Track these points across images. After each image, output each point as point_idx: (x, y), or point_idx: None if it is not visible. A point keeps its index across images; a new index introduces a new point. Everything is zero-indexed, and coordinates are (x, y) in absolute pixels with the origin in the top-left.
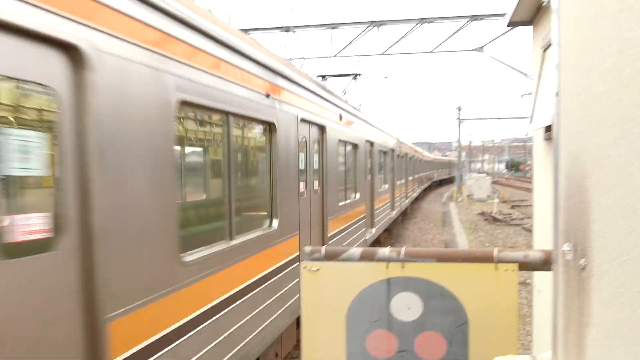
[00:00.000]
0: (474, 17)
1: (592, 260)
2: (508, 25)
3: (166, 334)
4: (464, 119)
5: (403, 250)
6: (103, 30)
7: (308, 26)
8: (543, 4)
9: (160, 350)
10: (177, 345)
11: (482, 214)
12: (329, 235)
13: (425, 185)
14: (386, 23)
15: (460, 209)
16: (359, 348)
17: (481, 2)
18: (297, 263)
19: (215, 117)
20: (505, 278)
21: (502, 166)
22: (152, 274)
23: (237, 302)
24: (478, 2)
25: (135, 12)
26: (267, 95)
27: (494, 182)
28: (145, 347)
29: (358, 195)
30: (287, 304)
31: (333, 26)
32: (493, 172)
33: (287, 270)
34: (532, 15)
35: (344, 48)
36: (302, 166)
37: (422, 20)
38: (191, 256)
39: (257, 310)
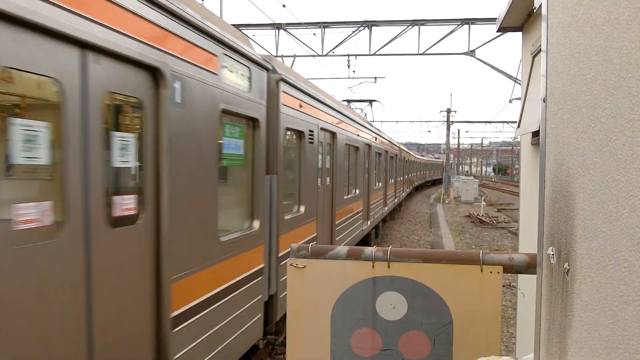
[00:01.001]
0: (465, 21)
1: (575, 265)
2: (498, 31)
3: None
4: (453, 122)
5: (389, 250)
6: (322, 119)
7: (299, 24)
8: (534, 11)
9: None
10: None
11: (469, 216)
12: (370, 203)
13: (422, 181)
14: (378, 24)
15: (447, 211)
16: (344, 346)
17: (473, 6)
18: (361, 212)
19: (345, 146)
20: (489, 280)
21: (490, 169)
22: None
23: (351, 220)
24: (470, 6)
25: (331, 112)
26: (358, 135)
27: (481, 185)
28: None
29: (381, 184)
30: (354, 227)
31: (325, 25)
32: (480, 175)
33: (360, 214)
34: (522, 21)
35: (335, 47)
36: (365, 166)
37: (414, 23)
38: (344, 200)
39: (356, 224)
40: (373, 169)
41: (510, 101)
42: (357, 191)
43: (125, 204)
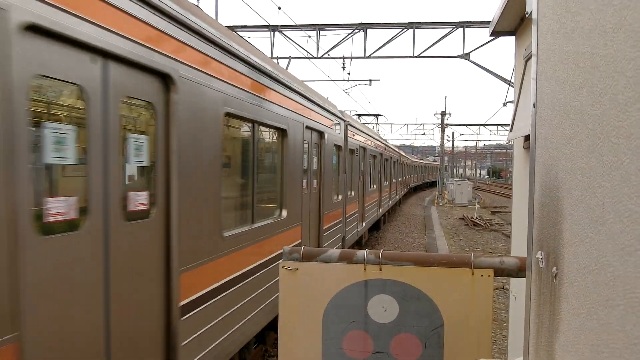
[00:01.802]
0: (460, 24)
1: (562, 269)
2: (491, 35)
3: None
4: (447, 124)
5: (381, 253)
6: (360, 141)
7: (294, 26)
8: (526, 16)
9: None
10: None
11: (463, 218)
12: (382, 195)
13: (420, 182)
14: (373, 26)
15: (442, 213)
16: (335, 348)
17: (468, 9)
18: (376, 201)
19: (369, 156)
20: (481, 283)
21: (484, 172)
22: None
23: (371, 205)
24: (465, 9)
25: (364, 135)
26: (375, 147)
27: (476, 188)
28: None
29: (387, 183)
30: (373, 210)
31: (320, 27)
32: (475, 178)
33: (376, 202)
34: (515, 25)
35: (330, 50)
36: (379, 169)
37: (409, 25)
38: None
39: (374, 209)
40: (383, 171)
41: (505, 104)
42: (375, 186)
43: (311, 183)
